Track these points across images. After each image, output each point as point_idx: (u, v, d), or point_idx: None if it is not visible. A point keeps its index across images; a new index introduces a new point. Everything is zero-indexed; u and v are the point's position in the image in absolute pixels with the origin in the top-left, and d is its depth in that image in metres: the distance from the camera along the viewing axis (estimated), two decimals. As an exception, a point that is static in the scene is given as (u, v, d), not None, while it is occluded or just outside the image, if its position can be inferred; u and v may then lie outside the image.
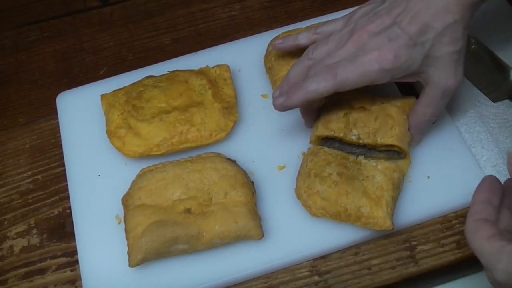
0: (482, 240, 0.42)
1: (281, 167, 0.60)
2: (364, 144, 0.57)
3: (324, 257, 0.56)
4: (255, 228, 0.54)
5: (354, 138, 0.56)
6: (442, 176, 0.58)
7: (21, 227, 0.60)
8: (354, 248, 0.56)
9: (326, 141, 0.58)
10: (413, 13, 0.50)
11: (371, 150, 0.57)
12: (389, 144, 0.56)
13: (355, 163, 0.57)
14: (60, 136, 0.65)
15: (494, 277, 0.41)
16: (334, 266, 0.55)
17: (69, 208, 0.60)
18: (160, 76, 0.65)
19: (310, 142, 0.59)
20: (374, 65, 0.50)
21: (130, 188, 0.57)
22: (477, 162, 0.59)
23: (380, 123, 0.57)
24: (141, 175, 0.58)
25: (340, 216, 0.54)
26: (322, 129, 0.57)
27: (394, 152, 0.57)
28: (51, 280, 0.57)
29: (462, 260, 0.55)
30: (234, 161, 0.58)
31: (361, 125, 0.57)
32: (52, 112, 0.68)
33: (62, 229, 0.60)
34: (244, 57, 0.68)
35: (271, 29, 0.70)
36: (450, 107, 0.63)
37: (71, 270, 0.57)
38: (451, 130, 0.61)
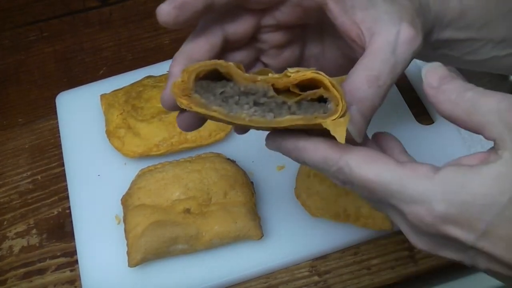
0: (391, 166, 0.32)
1: (281, 167, 0.60)
2: (266, 92, 0.33)
3: (323, 257, 0.56)
4: (255, 228, 0.54)
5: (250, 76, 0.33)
6: (442, 176, 0.58)
7: (20, 227, 0.60)
8: (353, 248, 0.56)
9: (204, 87, 0.34)
10: None
11: (280, 104, 0.33)
12: (308, 78, 0.32)
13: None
14: (59, 136, 0.64)
15: (432, 211, 0.30)
16: (333, 266, 0.55)
17: (69, 208, 0.60)
18: (159, 76, 0.65)
19: (172, 92, 0.33)
20: None
21: (129, 188, 0.57)
22: (476, 162, 0.59)
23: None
24: (140, 175, 0.58)
25: (339, 216, 0.54)
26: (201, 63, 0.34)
27: (316, 105, 0.33)
28: (51, 280, 0.57)
29: (461, 260, 0.55)
30: (233, 161, 0.58)
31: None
32: (51, 112, 0.67)
33: (61, 229, 0.60)
34: (243, 57, 0.68)
35: (271, 29, 0.70)
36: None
37: (71, 270, 0.57)
38: (450, 130, 0.61)
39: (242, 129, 0.42)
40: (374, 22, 0.36)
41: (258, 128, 0.36)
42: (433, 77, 0.34)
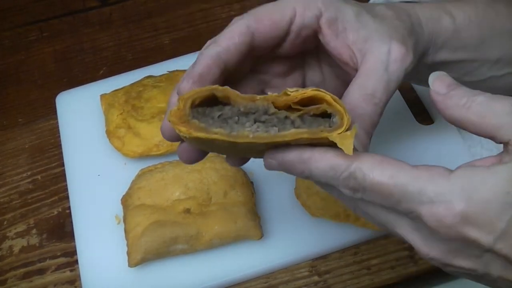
0: (405, 168, 0.32)
1: (281, 167, 0.60)
2: (267, 110, 0.33)
3: (323, 257, 0.56)
4: (255, 228, 0.54)
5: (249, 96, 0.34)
6: (442, 176, 0.58)
7: (20, 227, 0.60)
8: (353, 248, 0.56)
9: (201, 113, 0.33)
10: None
11: (282, 119, 0.33)
12: (309, 95, 0.33)
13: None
14: (59, 136, 0.64)
15: (452, 210, 0.30)
16: (333, 266, 0.55)
17: (69, 208, 0.60)
18: (159, 76, 0.65)
19: (169, 121, 0.32)
20: None
21: (129, 188, 0.57)
22: (476, 162, 0.59)
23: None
24: (140, 175, 0.58)
25: (339, 216, 0.54)
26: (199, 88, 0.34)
27: (320, 120, 0.33)
28: (51, 280, 0.57)
29: (461, 260, 0.55)
30: (233, 161, 0.58)
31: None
32: (51, 112, 0.67)
33: (61, 229, 0.60)
34: (243, 57, 0.68)
35: (271, 29, 0.70)
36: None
37: (71, 270, 0.57)
38: (450, 130, 0.61)
39: (239, 160, 0.42)
40: (365, 42, 0.37)
41: (256, 155, 0.36)
42: (440, 84, 0.34)
